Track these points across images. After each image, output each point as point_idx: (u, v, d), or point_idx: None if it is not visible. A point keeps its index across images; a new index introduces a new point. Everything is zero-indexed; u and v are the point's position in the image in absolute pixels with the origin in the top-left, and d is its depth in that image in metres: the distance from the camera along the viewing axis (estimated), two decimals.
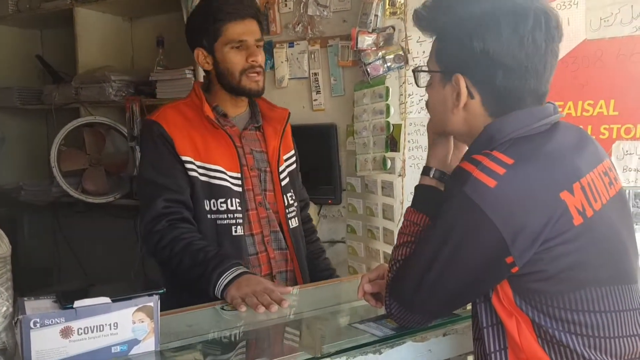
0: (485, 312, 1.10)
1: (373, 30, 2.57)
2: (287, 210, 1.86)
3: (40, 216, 3.62)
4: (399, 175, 2.58)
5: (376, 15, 2.57)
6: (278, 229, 1.85)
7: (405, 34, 2.54)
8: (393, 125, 2.56)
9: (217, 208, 1.72)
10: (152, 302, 1.18)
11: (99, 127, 3.14)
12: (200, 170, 1.72)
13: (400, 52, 2.54)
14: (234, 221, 1.73)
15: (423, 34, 1.24)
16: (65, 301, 1.16)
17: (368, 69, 2.56)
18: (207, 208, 1.72)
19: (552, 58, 1.12)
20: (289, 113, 1.92)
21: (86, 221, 3.43)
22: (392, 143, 2.56)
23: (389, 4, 2.57)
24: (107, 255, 3.36)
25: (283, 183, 1.87)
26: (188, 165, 1.71)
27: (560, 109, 1.17)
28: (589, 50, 2.44)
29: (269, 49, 2.98)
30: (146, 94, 2.98)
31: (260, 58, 1.75)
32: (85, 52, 3.19)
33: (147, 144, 1.75)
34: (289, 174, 1.93)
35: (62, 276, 3.68)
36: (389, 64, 2.55)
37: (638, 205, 2.29)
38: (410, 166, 2.58)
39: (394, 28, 2.57)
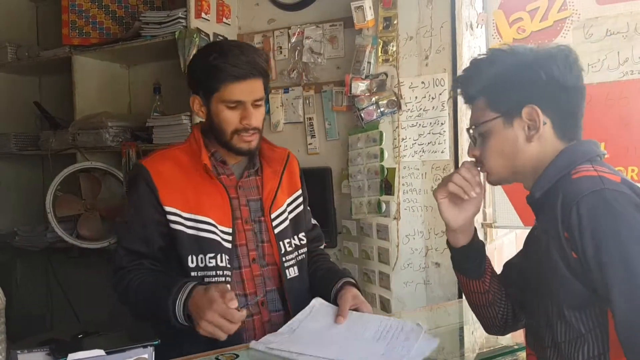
0: (587, 318, 1.13)
1: (366, 77, 2.62)
2: (283, 259, 1.73)
3: (34, 262, 3.59)
4: (394, 219, 2.60)
5: (369, 62, 2.63)
6: (274, 287, 1.73)
7: (398, 80, 2.60)
8: (387, 169, 2.59)
9: (205, 264, 1.61)
10: (147, 353, 1.17)
11: (95, 172, 3.14)
12: (188, 223, 1.63)
13: (393, 98, 2.59)
14: (222, 279, 1.62)
15: (467, 98, 1.33)
16: (59, 354, 1.15)
17: (362, 114, 2.60)
18: (192, 264, 1.62)
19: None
20: (289, 153, 1.85)
21: (80, 267, 3.40)
22: (387, 186, 2.58)
23: (381, 52, 2.63)
24: (101, 301, 3.32)
25: (277, 230, 1.74)
26: (172, 217, 1.62)
27: None
28: None
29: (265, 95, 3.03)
30: (143, 140, 3.01)
31: (255, 119, 1.64)
32: (83, 99, 3.22)
33: (131, 188, 1.70)
34: (294, 217, 1.81)
35: (55, 322, 3.62)
36: (382, 109, 2.59)
37: None
38: (405, 209, 2.60)
39: (386, 74, 2.62)
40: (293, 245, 1.78)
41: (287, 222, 1.78)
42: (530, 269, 1.31)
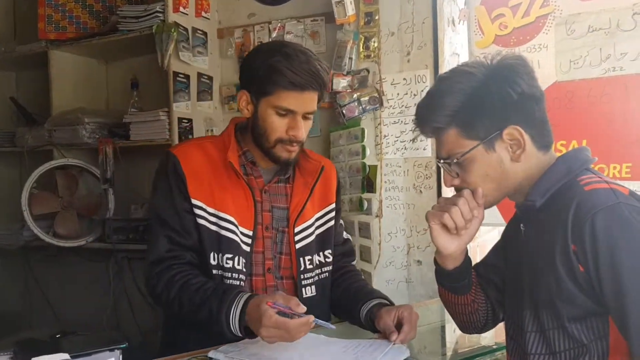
0: (590, 328, 1.11)
1: (348, 73, 2.59)
2: (300, 277, 1.62)
3: (11, 260, 3.51)
4: (376, 216, 2.57)
5: (350, 58, 2.60)
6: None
7: (380, 77, 2.57)
8: (369, 166, 2.56)
9: (223, 264, 1.54)
10: (114, 357, 1.13)
11: (71, 169, 3.08)
12: (211, 219, 1.55)
13: (375, 94, 2.55)
14: (237, 282, 1.55)
15: (432, 131, 1.27)
16: (22, 358, 1.10)
17: (343, 111, 2.57)
18: (214, 262, 1.55)
19: None
20: (324, 165, 1.70)
21: (58, 265, 3.34)
22: (369, 184, 2.55)
23: (363, 47, 2.60)
24: (79, 299, 3.26)
25: (300, 245, 1.63)
26: (197, 211, 1.55)
27: None
28: (560, 92, 2.48)
29: None
30: (120, 136, 2.95)
31: (303, 132, 1.55)
32: (60, 94, 3.15)
33: (162, 176, 1.59)
34: (323, 232, 1.71)
35: (33, 321, 3.55)
36: (364, 106, 2.56)
37: None
38: (387, 207, 2.58)
39: (368, 71, 2.59)
40: (315, 263, 1.68)
41: (312, 237, 1.68)
42: (518, 275, 1.27)
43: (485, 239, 3.06)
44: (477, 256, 2.91)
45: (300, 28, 2.83)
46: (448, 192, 2.58)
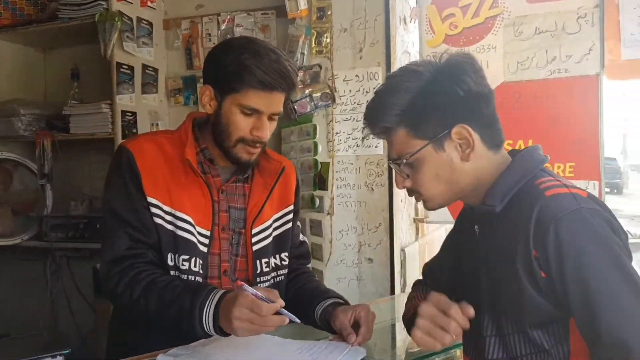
0: (551, 333, 1.11)
1: (300, 68, 2.55)
2: (257, 280, 1.57)
3: None
4: (328, 214, 2.55)
5: (302, 53, 2.56)
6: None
7: (332, 73, 2.54)
8: (321, 163, 2.53)
9: (179, 265, 1.47)
10: None
11: (6, 163, 2.91)
12: (167, 218, 1.48)
13: (327, 91, 2.53)
14: None
15: (381, 132, 1.23)
16: None
17: (295, 107, 2.53)
18: (171, 263, 1.47)
19: None
20: (285, 166, 1.64)
21: None
22: (320, 181, 2.53)
23: (315, 43, 2.57)
24: (13, 300, 3.09)
25: (257, 247, 1.59)
26: (153, 210, 1.47)
27: None
28: (508, 92, 2.54)
29: (192, 84, 2.91)
30: (59, 129, 2.80)
31: (267, 133, 1.50)
32: None
33: (116, 171, 1.51)
34: (280, 235, 1.66)
35: None
36: (316, 102, 2.53)
37: None
38: (339, 204, 2.56)
39: (320, 66, 2.56)
40: (271, 266, 1.63)
41: (269, 240, 1.63)
42: (475, 280, 1.26)
43: (433, 236, 3.10)
44: (425, 254, 2.94)
45: (250, 21, 2.77)
46: (401, 191, 2.59)
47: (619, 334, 0.99)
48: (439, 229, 3.21)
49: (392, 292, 2.51)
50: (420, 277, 1.57)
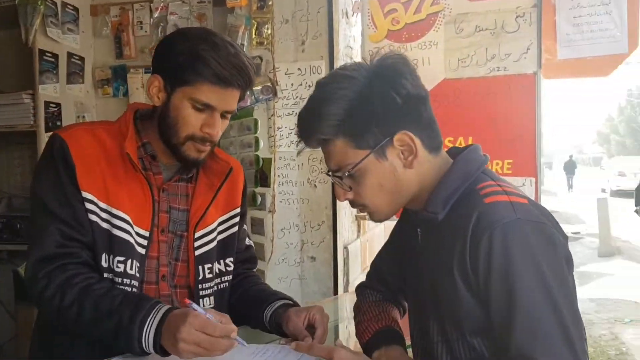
0: (489, 343, 1.09)
1: None
2: (199, 286, 1.47)
3: None
4: (269, 212, 2.47)
5: (242, 45, 2.46)
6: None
7: (273, 66, 2.46)
8: (263, 159, 2.45)
9: (114, 267, 1.36)
10: None
11: None
12: (103, 215, 1.36)
13: (269, 84, 2.45)
14: (129, 289, 1.36)
15: (317, 142, 1.15)
16: None
17: None
18: (105, 264, 1.36)
19: None
20: (231, 168, 1.53)
21: None
22: (262, 178, 2.45)
23: (255, 34, 2.48)
24: None
25: (199, 252, 1.48)
26: (88, 206, 1.35)
27: None
28: (448, 89, 2.55)
29: (122, 74, 2.74)
30: None
31: (219, 131, 1.40)
32: None
33: (47, 161, 1.37)
34: (225, 239, 1.56)
35: None
36: (257, 95, 2.44)
37: None
38: (281, 202, 2.49)
39: (261, 58, 2.47)
40: (215, 272, 1.52)
41: (213, 244, 1.52)
42: (419, 285, 1.23)
43: (374, 232, 3.09)
44: (367, 252, 2.92)
45: (185, 9, 2.64)
46: None
47: (528, 351, 0.98)
48: (378, 225, 3.20)
49: (335, 290, 2.47)
50: (363, 280, 1.53)
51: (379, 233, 3.25)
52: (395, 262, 1.41)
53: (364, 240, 2.82)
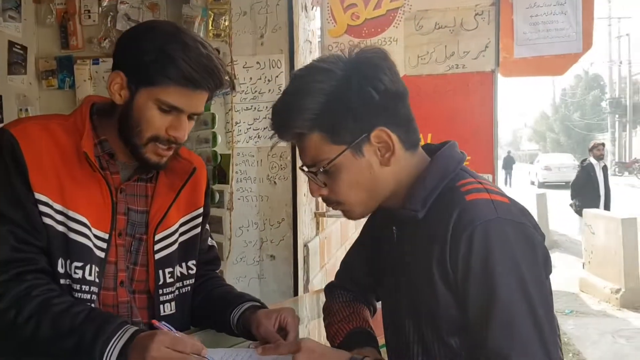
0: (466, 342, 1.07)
1: None
2: (159, 292, 1.40)
3: None
4: (227, 209, 2.39)
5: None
6: (140, 318, 1.38)
7: (231, 58, 2.39)
8: (221, 155, 2.37)
9: (71, 274, 1.27)
10: None
11: None
12: (58, 217, 1.27)
13: (226, 77, 2.36)
14: (88, 296, 1.28)
15: (292, 136, 1.12)
16: None
17: None
18: (62, 270, 1.27)
19: None
20: (195, 168, 1.45)
21: None
22: (221, 174, 2.37)
23: (212, 25, 2.39)
24: None
25: (159, 255, 1.41)
26: (42, 208, 1.26)
27: None
28: (408, 86, 2.49)
29: (68, 65, 2.59)
30: None
31: (186, 134, 1.32)
32: None
33: None
34: (187, 241, 1.48)
35: None
36: None
37: None
38: (239, 199, 2.42)
39: (218, 51, 2.38)
40: (176, 276, 1.45)
41: (174, 247, 1.44)
42: (394, 285, 1.21)
43: (331, 230, 3.06)
44: (325, 248, 2.89)
45: None
46: (304, 184, 2.50)
47: (503, 349, 0.99)
48: (335, 222, 3.18)
49: (296, 289, 2.42)
50: (320, 277, 1.51)
51: (336, 230, 3.23)
52: (367, 260, 1.38)
53: (322, 238, 2.79)
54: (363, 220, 1.35)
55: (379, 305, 1.45)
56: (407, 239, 1.16)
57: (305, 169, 1.15)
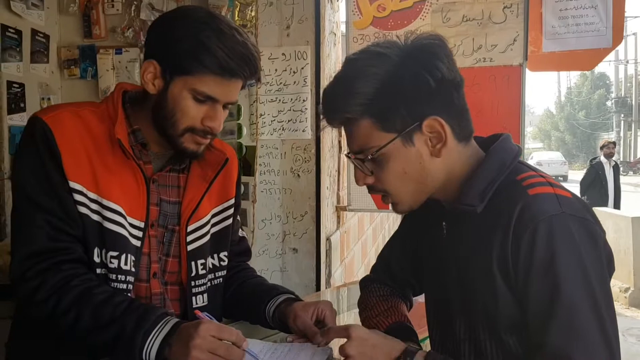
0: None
1: None
2: (191, 283, 1.38)
3: None
4: (252, 202, 2.37)
5: None
6: (172, 310, 1.36)
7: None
8: (246, 147, 2.35)
9: (107, 263, 1.25)
10: None
11: None
12: (93, 206, 1.24)
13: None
14: (125, 286, 1.26)
15: (342, 122, 1.10)
16: None
17: None
18: (98, 259, 1.25)
19: None
20: (227, 159, 1.42)
21: None
22: (246, 166, 2.35)
23: (238, 15, 2.37)
24: None
25: (192, 247, 1.39)
26: (77, 197, 1.23)
27: None
28: None
29: (90, 55, 2.57)
30: None
31: (220, 123, 1.29)
32: None
33: (29, 148, 1.25)
34: (219, 232, 1.46)
35: None
36: None
37: None
38: (262, 191, 2.40)
39: None
40: (208, 267, 1.43)
41: (206, 238, 1.42)
42: (443, 282, 1.18)
43: (350, 224, 3.04)
44: (344, 244, 2.87)
45: None
46: (327, 177, 2.48)
47: (565, 350, 0.95)
48: (353, 217, 3.16)
49: (318, 282, 2.40)
50: (340, 271, 1.49)
51: (354, 225, 3.21)
52: (406, 255, 1.35)
53: (343, 232, 2.77)
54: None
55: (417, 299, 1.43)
56: (460, 234, 1.12)
57: (352, 156, 1.11)
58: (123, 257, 1.27)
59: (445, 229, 1.17)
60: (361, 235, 3.50)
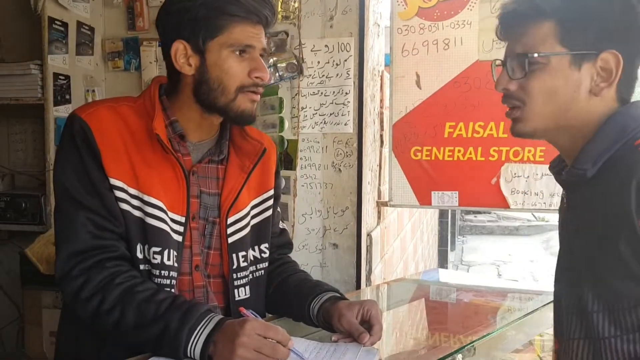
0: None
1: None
2: (233, 276, 1.37)
3: None
4: (293, 196, 2.35)
5: None
6: (216, 303, 1.36)
7: (300, 41, 2.32)
8: (288, 140, 2.32)
9: (150, 259, 1.25)
10: None
11: None
12: (134, 202, 1.25)
13: (294, 61, 2.31)
14: (168, 281, 1.26)
15: (526, 13, 1.03)
16: None
17: None
18: (140, 255, 1.25)
19: None
20: (265, 149, 1.40)
21: None
22: (287, 160, 2.32)
23: (281, 7, 2.33)
24: None
25: (233, 239, 1.37)
26: (118, 194, 1.23)
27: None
28: (481, 72, 2.43)
29: (134, 47, 2.58)
30: None
31: (266, 72, 1.30)
32: None
33: (68, 145, 1.25)
34: (259, 223, 1.45)
35: None
36: (281, 73, 2.31)
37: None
38: (303, 186, 2.37)
39: (287, 33, 2.33)
40: (250, 259, 1.42)
41: (247, 230, 1.41)
42: (568, 254, 1.11)
43: (389, 219, 2.98)
44: (385, 239, 2.82)
45: None
46: (369, 172, 2.43)
47: None
48: (392, 212, 3.10)
49: (358, 279, 2.36)
50: (382, 268, 1.42)
51: (394, 221, 3.15)
52: None
53: (383, 228, 2.72)
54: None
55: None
56: (579, 205, 1.06)
57: (508, 58, 1.05)
58: (165, 252, 1.26)
59: (565, 200, 1.11)
60: (400, 231, 3.44)
